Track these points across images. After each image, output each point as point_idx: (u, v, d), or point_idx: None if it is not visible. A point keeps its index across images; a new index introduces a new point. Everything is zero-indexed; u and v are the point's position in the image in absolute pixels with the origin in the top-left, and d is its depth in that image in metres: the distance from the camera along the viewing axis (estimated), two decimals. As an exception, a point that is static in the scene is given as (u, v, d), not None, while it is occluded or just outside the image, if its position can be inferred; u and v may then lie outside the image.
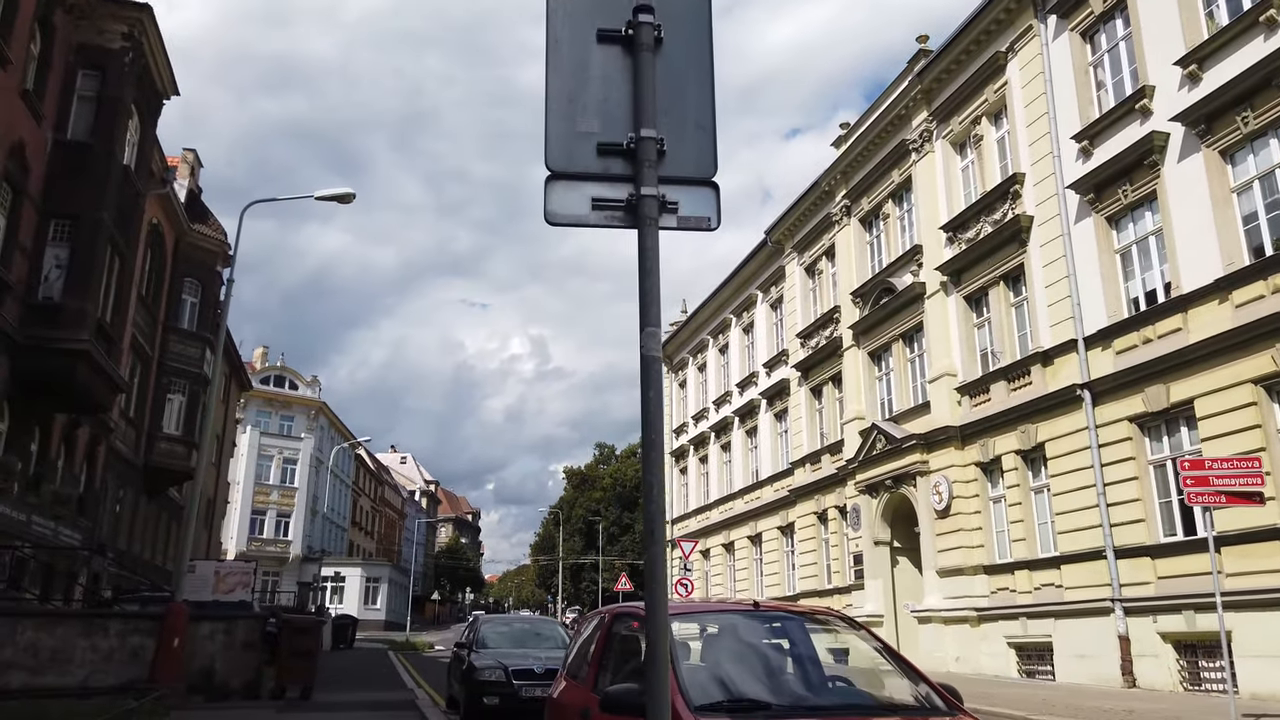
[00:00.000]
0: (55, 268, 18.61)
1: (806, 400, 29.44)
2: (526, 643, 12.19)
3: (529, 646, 12.00)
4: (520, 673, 10.80)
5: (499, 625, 13.15)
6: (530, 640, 12.30)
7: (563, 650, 12.00)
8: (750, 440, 34.68)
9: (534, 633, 12.63)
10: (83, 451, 22.53)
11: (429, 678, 18.99)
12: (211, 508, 39.96)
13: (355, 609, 54.32)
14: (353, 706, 12.71)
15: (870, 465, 24.12)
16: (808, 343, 29.44)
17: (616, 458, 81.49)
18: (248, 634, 13.55)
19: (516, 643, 12.14)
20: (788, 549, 30.91)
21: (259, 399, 60.84)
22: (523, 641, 12.21)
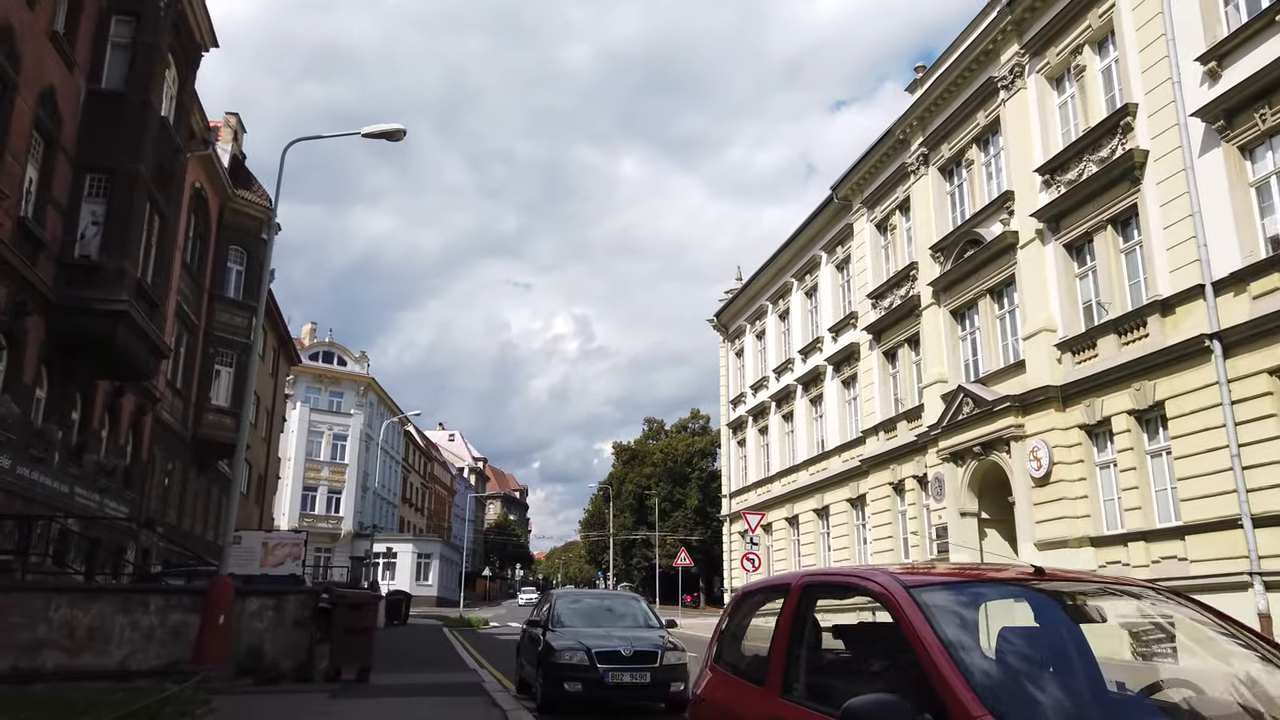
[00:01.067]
0: (92, 224, 17.59)
1: (879, 364, 27.69)
2: (607, 621, 10.88)
3: (610, 625, 10.68)
4: (606, 655, 9.47)
5: (576, 601, 11.84)
6: (611, 618, 10.98)
7: (650, 629, 10.64)
8: (815, 409, 33.02)
9: (615, 609, 11.29)
10: (127, 421, 21.68)
11: (491, 658, 17.83)
12: (263, 483, 39.40)
13: (407, 585, 53.85)
14: (414, 690, 11.49)
15: (955, 431, 22.38)
16: (880, 303, 27.66)
17: (666, 433, 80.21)
18: (299, 610, 12.40)
19: (596, 620, 10.84)
20: (858, 522, 29.30)
21: (308, 375, 60.48)
22: (603, 619, 10.91)
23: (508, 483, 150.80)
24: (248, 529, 36.72)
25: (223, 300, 28.61)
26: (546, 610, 10.93)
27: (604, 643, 9.71)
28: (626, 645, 9.61)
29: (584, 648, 9.56)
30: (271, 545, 12.93)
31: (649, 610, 11.67)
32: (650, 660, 9.51)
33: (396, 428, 72.59)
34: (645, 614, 11.24)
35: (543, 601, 11.79)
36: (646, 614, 11.33)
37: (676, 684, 9.53)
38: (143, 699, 8.13)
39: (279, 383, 41.74)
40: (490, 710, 9.55)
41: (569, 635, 10.08)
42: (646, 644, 9.76)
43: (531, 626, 11.09)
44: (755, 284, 38.90)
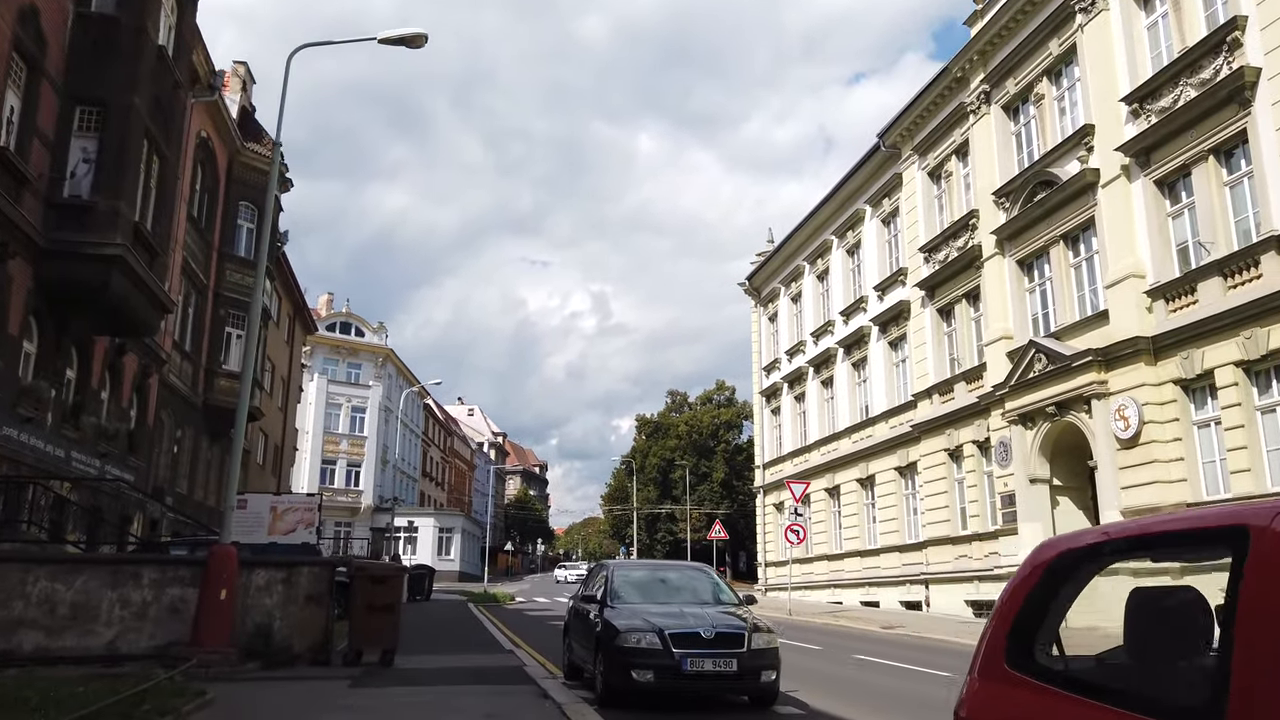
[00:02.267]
0: (83, 162, 15.94)
1: (932, 323, 25.81)
2: (674, 596, 9.17)
3: (679, 601, 8.98)
4: (682, 638, 7.78)
5: (636, 573, 10.08)
6: (678, 593, 9.25)
7: (727, 607, 8.96)
8: (858, 373, 31.19)
9: (681, 583, 9.55)
10: (131, 383, 20.16)
11: (526, 637, 16.26)
12: (279, 454, 38.05)
13: (429, 560, 52.60)
14: (447, 677, 9.88)
15: (1025, 390, 20.53)
16: (933, 257, 25.73)
17: (689, 405, 78.50)
18: (313, 583, 10.81)
19: (661, 596, 9.13)
20: (908, 491, 27.55)
21: (325, 346, 59.10)
22: (669, 594, 9.20)
23: (527, 458, 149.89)
24: (264, 501, 35.53)
25: (233, 259, 27.01)
26: (602, 584, 9.28)
27: (678, 622, 7.98)
28: (706, 626, 7.88)
29: (655, 628, 7.83)
30: (281, 510, 11.33)
31: (722, 583, 9.90)
32: (736, 644, 7.79)
33: (416, 400, 71.25)
34: (718, 588, 9.52)
35: (595, 574, 10.09)
36: (719, 588, 9.64)
37: (767, 672, 7.88)
38: (119, 690, 6.54)
39: (295, 351, 40.28)
40: (541, 704, 7.93)
41: (633, 613, 8.29)
42: (729, 624, 8.07)
43: (586, 603, 9.42)
44: (790, 244, 36.98)
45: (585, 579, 10.75)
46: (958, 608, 23.46)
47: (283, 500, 11.66)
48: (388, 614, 10.56)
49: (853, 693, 9.69)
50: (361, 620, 10.56)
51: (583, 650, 9.30)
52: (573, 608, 10.47)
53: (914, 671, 11.78)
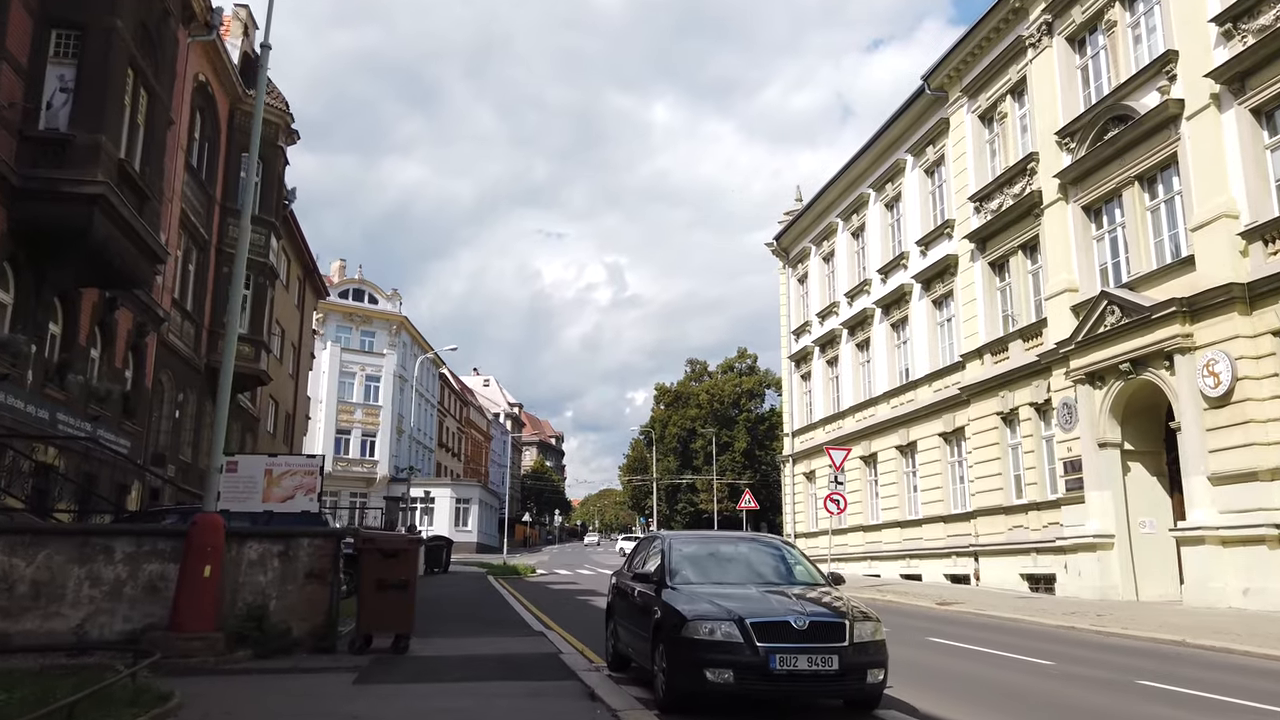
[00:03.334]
0: (60, 91, 14.37)
1: (984, 277, 24.00)
2: (747, 575, 7.59)
3: (754, 581, 7.42)
4: (769, 629, 6.19)
5: (698, 545, 8.19)
6: (751, 571, 7.68)
7: (814, 589, 7.40)
8: (897, 334, 29.44)
9: (753, 559, 7.93)
10: (125, 341, 18.72)
11: (555, 615, 14.82)
12: (291, 422, 36.77)
13: (446, 531, 51.47)
14: (472, 668, 8.38)
15: (1094, 346, 18.80)
16: (985, 207, 23.88)
17: (709, 374, 76.89)
18: (315, 557, 9.31)
19: (733, 575, 7.56)
20: (954, 458, 25.90)
21: (338, 313, 57.75)
22: (741, 573, 7.62)
23: (543, 429, 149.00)
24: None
25: (236, 214, 25.43)
26: (658, 560, 7.78)
27: (760, 608, 6.45)
28: (797, 614, 6.33)
29: (732, 616, 6.27)
30: (277, 473, 9.81)
31: (801, 558, 8.18)
32: (835, 636, 6.21)
33: (431, 370, 69.95)
34: (797, 564, 7.92)
35: (646, 547, 8.48)
36: (799, 564, 7.97)
37: (874, 671, 6.26)
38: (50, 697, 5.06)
39: (305, 317, 38.85)
40: (591, 710, 6.40)
41: (701, 596, 6.83)
42: (825, 612, 6.52)
43: (635, 582, 7.86)
44: (822, 200, 35.09)
45: (632, 553, 9.17)
46: (1011, 582, 21.91)
47: (279, 462, 10.15)
48: (400, 593, 9.06)
49: (956, 688, 8.13)
50: (370, 600, 9.06)
51: (634, 639, 7.75)
52: (617, 586, 8.91)
53: (1008, 659, 10.21)
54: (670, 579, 7.28)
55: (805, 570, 7.89)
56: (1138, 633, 12.81)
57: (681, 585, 7.16)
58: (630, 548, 46.13)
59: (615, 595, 8.85)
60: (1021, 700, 7.63)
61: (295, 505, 9.77)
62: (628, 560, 9.07)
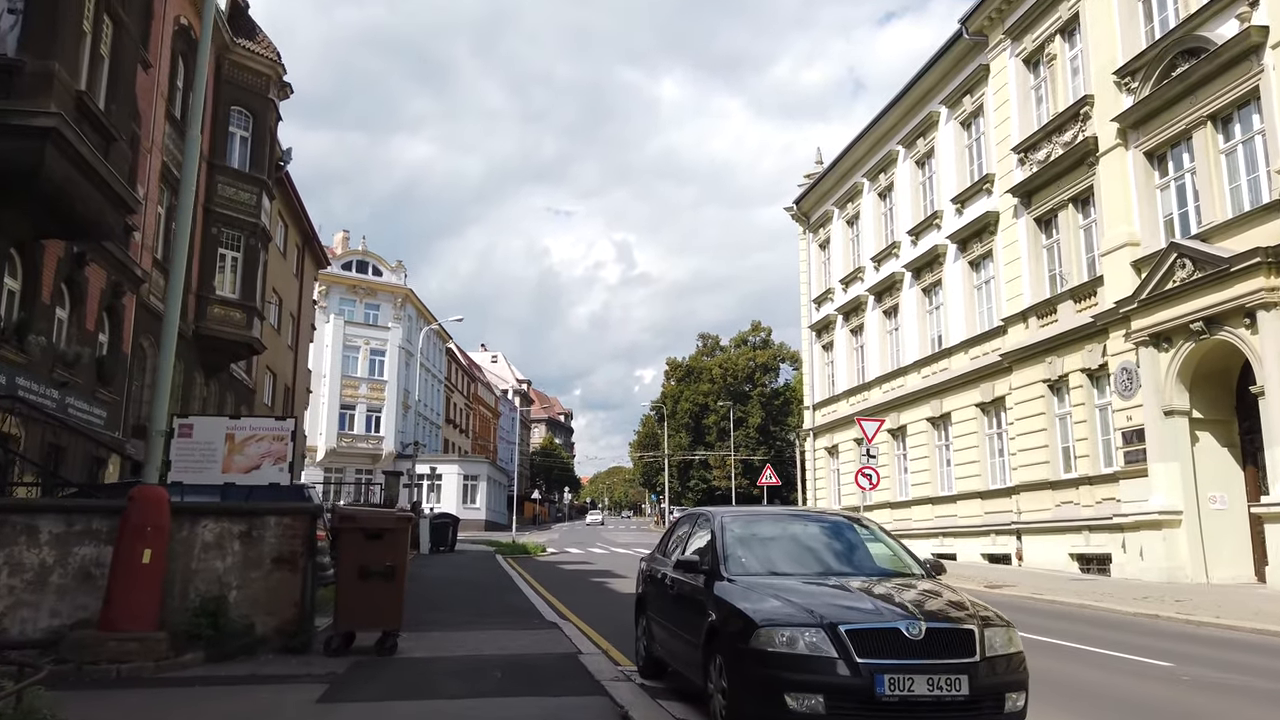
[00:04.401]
0: (8, 12, 12.70)
1: (1028, 234, 22.22)
2: (825, 563, 5.94)
3: (836, 572, 5.82)
4: (871, 640, 4.53)
5: (756, 526, 6.35)
6: (830, 558, 6.02)
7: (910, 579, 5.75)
8: (929, 299, 27.70)
9: (831, 543, 6.18)
10: (98, 302, 17.15)
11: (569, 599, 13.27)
12: (290, 395, 35.27)
13: (454, 508, 50.10)
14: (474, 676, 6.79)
15: (1160, 304, 17.07)
16: (1031, 158, 22.05)
17: (721, 349, 75.24)
18: (284, 539, 7.74)
19: (807, 564, 5.91)
20: (992, 430, 24.23)
21: (342, 285, 56.16)
22: (818, 561, 5.96)
23: (553, 406, 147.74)
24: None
25: (225, 171, 23.84)
26: (704, 542, 6.17)
27: (854, 610, 4.84)
28: (908, 618, 4.68)
29: (818, 620, 4.65)
30: (240, 438, 8.18)
31: (893, 543, 6.44)
32: (962, 648, 4.59)
33: (438, 345, 68.41)
34: (887, 550, 6.29)
35: (687, 527, 6.97)
36: (890, 550, 6.31)
37: (1014, 696, 4.66)
38: None
39: (305, 286, 37.26)
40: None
41: (770, 592, 5.16)
42: (944, 615, 4.87)
43: (676, 571, 6.28)
44: (846, 160, 33.22)
45: (667, 534, 7.53)
46: (1059, 561, 20.31)
47: (243, 425, 8.46)
48: (386, 582, 7.48)
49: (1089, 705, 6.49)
50: (350, 591, 7.47)
51: (676, 643, 6.13)
52: (648, 573, 7.29)
53: (1117, 659, 8.61)
54: (725, 567, 5.64)
55: (895, 556, 6.22)
56: (1236, 623, 11.19)
57: (740, 577, 5.52)
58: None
59: (647, 585, 7.24)
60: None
61: (262, 476, 8.17)
62: (661, 543, 7.46)
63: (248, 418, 8.86)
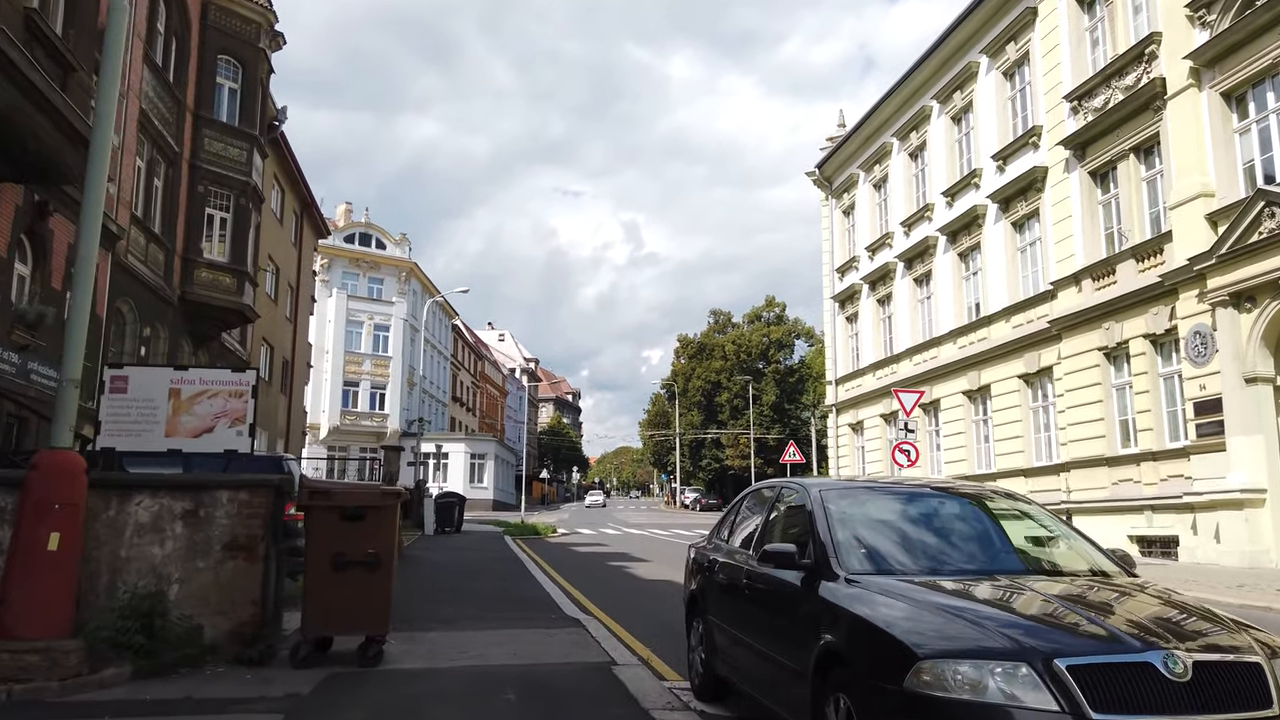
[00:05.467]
0: (-61, -86, 10.98)
1: (1081, 189, 20.43)
2: (975, 557, 4.21)
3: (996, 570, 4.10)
4: (1110, 680, 2.89)
5: (872, 504, 4.66)
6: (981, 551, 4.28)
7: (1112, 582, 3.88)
8: (966, 264, 25.94)
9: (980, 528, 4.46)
10: (64, 258, 15.53)
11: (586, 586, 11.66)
12: (289, 369, 33.75)
13: (461, 488, 48.67)
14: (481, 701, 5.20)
15: (1243, 260, 15.34)
16: (1086, 105, 20.22)
17: (734, 325, 73.45)
18: (241, 519, 6.12)
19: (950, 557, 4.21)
20: (1037, 403, 22.54)
21: (344, 258, 54.52)
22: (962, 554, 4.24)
23: (560, 385, 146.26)
24: (264, 423, 31.14)
25: (212, 125, 22.15)
26: (800, 528, 4.54)
27: (1072, 631, 3.18)
28: (1162, 647, 2.98)
29: (1021, 650, 2.98)
30: (188, 394, 6.51)
31: (1068, 529, 4.82)
32: (1251, 695, 2.91)
33: (444, 321, 66.83)
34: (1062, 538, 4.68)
35: (757, 502, 5.46)
36: (1066, 539, 4.69)
37: None
38: None
39: (304, 256, 35.62)
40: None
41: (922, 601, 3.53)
42: (1211, 641, 3.17)
43: (754, 564, 4.70)
44: (874, 119, 31.34)
45: (730, 513, 5.85)
46: (1116, 544, 18.48)
47: (191, 378, 6.82)
48: (369, 574, 5.88)
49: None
50: (323, 586, 5.87)
51: (757, 662, 4.47)
52: (705, 564, 5.63)
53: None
54: (838, 561, 4.02)
55: (1071, 543, 4.55)
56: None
57: (864, 576, 3.91)
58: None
59: (704, 579, 5.60)
60: None
61: (215, 441, 6.57)
62: (721, 525, 5.83)
63: (197, 369, 7.19)
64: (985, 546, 4.33)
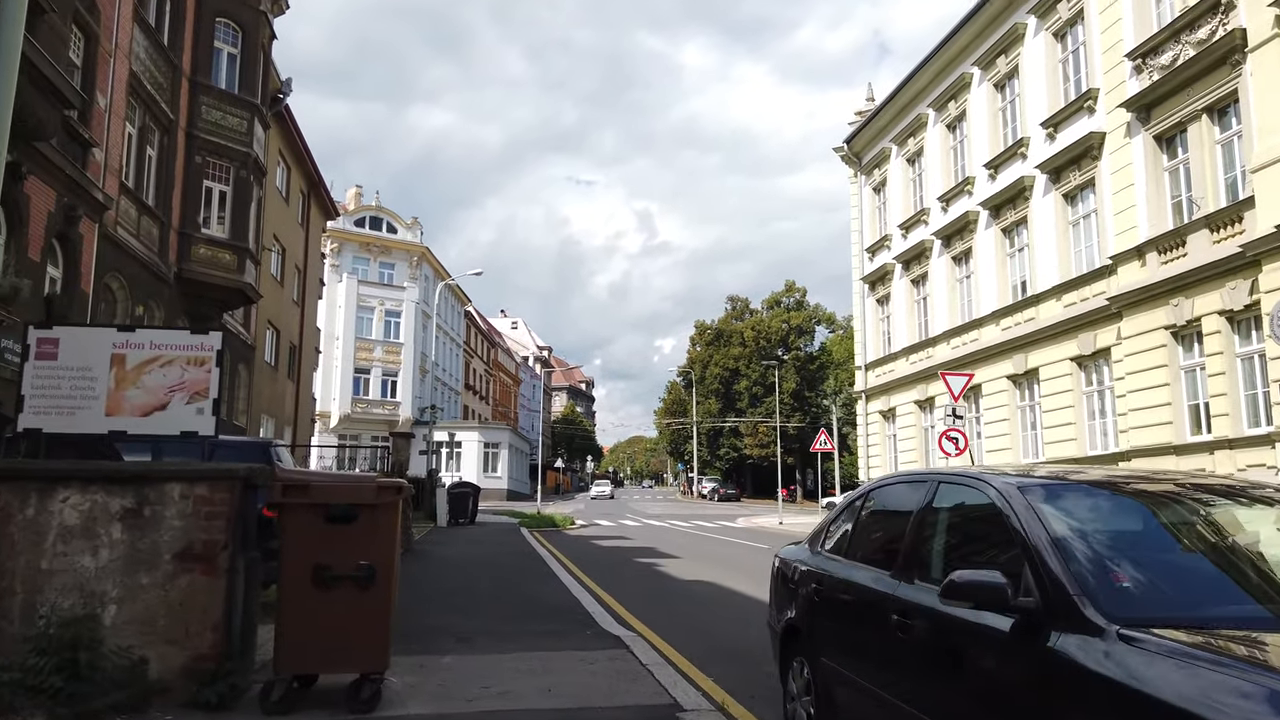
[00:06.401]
0: None
1: (1146, 155, 18.85)
2: (1255, 580, 2.86)
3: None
4: None
5: (1103, 507, 3.13)
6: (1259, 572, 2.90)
7: None
8: (1010, 240, 24.39)
9: (1264, 542, 3.04)
10: (43, 226, 14.21)
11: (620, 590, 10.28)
12: (297, 354, 32.50)
13: (474, 477, 47.46)
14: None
15: (1344, 226, 13.76)
16: (1151, 63, 18.62)
17: (751, 312, 71.90)
18: (197, 522, 4.75)
19: (1245, 593, 2.76)
20: (1091, 387, 21.03)
21: (354, 243, 53.23)
22: (1263, 590, 2.78)
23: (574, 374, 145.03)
24: (274, 411, 29.88)
25: (210, 92, 20.80)
26: (1000, 536, 3.06)
27: None
28: None
29: None
30: (134, 361, 5.08)
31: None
32: None
33: (456, 309, 65.55)
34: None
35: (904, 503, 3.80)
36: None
37: None
38: None
39: (311, 237, 34.33)
40: None
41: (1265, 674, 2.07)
42: None
43: (947, 597, 2.91)
44: (907, 90, 29.74)
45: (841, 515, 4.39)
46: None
47: (139, 342, 5.41)
48: (360, 593, 4.52)
49: None
50: (300, 609, 4.48)
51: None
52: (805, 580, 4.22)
53: None
54: (1086, 602, 2.60)
55: None
56: None
57: (1140, 632, 2.42)
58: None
59: (809, 605, 4.18)
60: None
61: (169, 421, 5.19)
62: (827, 531, 4.41)
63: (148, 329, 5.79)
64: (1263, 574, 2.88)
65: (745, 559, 16.62)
